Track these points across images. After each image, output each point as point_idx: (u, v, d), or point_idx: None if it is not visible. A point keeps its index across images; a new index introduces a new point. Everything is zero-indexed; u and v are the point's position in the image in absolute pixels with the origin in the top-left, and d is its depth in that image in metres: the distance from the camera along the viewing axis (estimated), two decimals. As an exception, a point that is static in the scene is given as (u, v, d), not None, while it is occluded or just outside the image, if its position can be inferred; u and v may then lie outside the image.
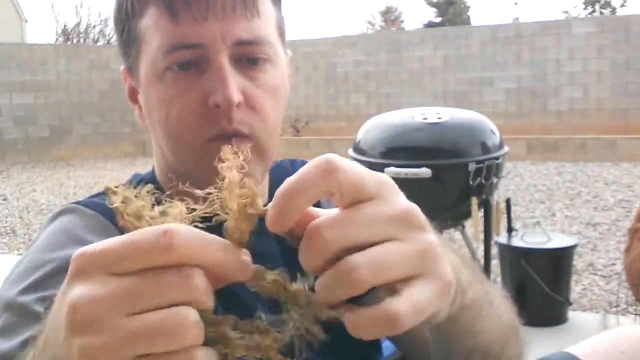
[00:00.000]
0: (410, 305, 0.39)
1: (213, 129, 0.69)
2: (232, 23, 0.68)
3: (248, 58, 0.70)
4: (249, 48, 0.69)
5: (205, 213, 0.40)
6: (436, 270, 0.41)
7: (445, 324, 0.53)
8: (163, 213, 0.39)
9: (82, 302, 0.36)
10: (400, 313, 0.38)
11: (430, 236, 0.42)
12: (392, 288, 0.40)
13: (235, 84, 0.68)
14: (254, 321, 0.41)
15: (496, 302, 0.64)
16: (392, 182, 0.43)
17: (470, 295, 0.55)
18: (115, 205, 0.39)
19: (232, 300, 0.57)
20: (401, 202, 0.42)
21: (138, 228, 0.38)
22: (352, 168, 0.40)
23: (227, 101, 0.67)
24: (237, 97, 0.67)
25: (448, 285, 0.42)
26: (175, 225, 0.37)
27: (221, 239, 0.39)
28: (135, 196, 0.39)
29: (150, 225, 0.38)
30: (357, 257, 0.38)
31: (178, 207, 0.40)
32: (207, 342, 0.38)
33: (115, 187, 0.40)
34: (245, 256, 0.39)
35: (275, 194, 0.40)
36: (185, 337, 0.36)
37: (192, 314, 0.36)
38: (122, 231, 0.39)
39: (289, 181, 0.39)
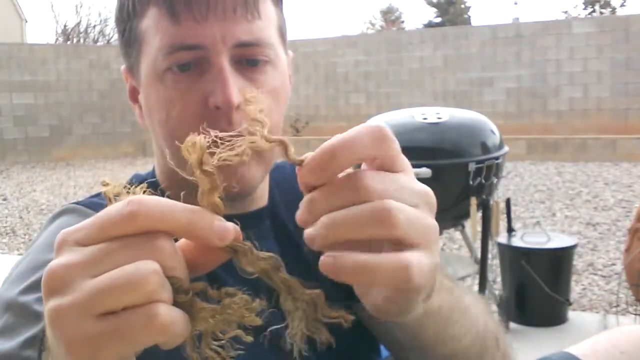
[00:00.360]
0: (419, 263, 0.42)
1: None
2: (233, 24, 0.68)
3: (248, 60, 0.70)
4: (249, 50, 0.69)
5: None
6: (434, 248, 0.44)
7: (416, 330, 0.56)
8: None
9: (54, 268, 0.38)
10: (412, 264, 0.41)
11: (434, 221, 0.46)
12: (399, 248, 0.42)
13: (235, 86, 0.67)
14: (223, 287, 0.41)
15: (471, 309, 0.66)
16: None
17: (437, 302, 0.57)
18: (104, 190, 0.41)
19: None
20: (420, 184, 0.46)
21: None
22: (396, 140, 0.44)
23: (227, 103, 0.66)
24: (237, 98, 0.67)
25: (437, 266, 0.45)
26: (140, 195, 0.39)
27: (190, 205, 0.40)
28: (128, 192, 0.41)
29: None
30: (395, 203, 0.41)
31: None
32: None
33: (108, 181, 0.42)
34: (219, 221, 0.40)
35: (322, 146, 0.42)
36: (144, 286, 0.37)
37: (150, 265, 0.37)
38: None
39: (339, 137, 0.42)
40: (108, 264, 0.37)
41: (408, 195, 0.43)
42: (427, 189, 0.45)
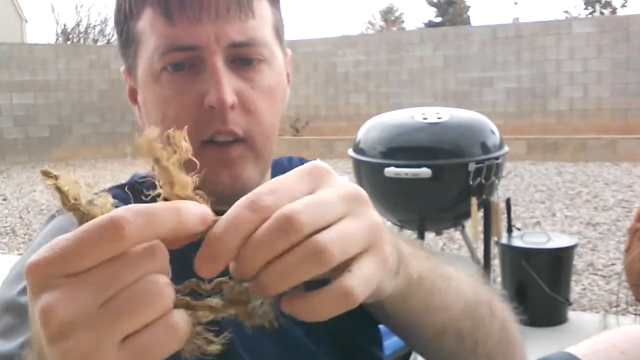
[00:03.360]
0: (361, 280, 0.42)
1: (208, 130, 0.69)
2: (226, 24, 0.68)
3: (242, 59, 0.70)
4: (243, 49, 0.69)
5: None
6: (379, 244, 0.44)
7: (400, 303, 0.56)
8: (90, 202, 0.39)
9: (53, 310, 0.36)
10: (354, 288, 0.41)
11: (375, 213, 0.45)
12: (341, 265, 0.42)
13: (229, 86, 0.67)
14: (218, 280, 0.41)
15: (455, 276, 0.66)
16: (325, 168, 0.45)
17: (416, 269, 0.57)
18: (64, 189, 0.39)
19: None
20: (340, 184, 0.44)
21: (85, 210, 0.39)
22: (271, 188, 0.41)
23: (221, 102, 0.67)
24: (230, 98, 0.67)
25: (387, 259, 0.45)
26: (119, 212, 0.37)
27: (167, 203, 0.39)
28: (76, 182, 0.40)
29: (90, 208, 0.39)
30: (325, 236, 0.40)
31: (104, 198, 0.40)
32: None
33: (55, 173, 0.40)
34: (197, 207, 0.40)
35: (205, 239, 0.40)
36: (162, 299, 0.37)
37: (161, 277, 0.37)
38: None
39: (218, 225, 0.40)
40: (112, 288, 0.36)
41: (336, 207, 0.42)
42: (350, 187, 0.44)
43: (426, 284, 0.59)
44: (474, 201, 2.98)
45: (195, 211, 0.39)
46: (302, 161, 0.90)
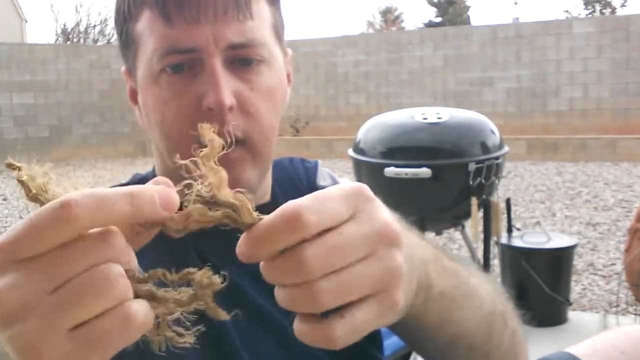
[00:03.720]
0: (350, 329, 0.42)
1: None
2: (224, 26, 0.68)
3: (241, 60, 0.70)
4: (242, 50, 0.69)
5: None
6: (389, 290, 0.43)
7: (415, 318, 0.55)
8: (58, 193, 0.39)
9: (2, 295, 0.36)
10: (337, 335, 0.42)
11: (398, 255, 0.43)
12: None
13: (227, 87, 0.67)
14: (185, 270, 0.41)
15: (477, 292, 0.65)
16: (366, 192, 0.44)
17: (439, 288, 0.56)
18: (23, 178, 0.39)
19: (238, 296, 0.58)
20: (377, 216, 0.43)
21: (45, 200, 0.38)
22: (317, 209, 0.40)
23: (219, 104, 0.66)
24: (228, 100, 0.67)
25: (395, 305, 0.44)
26: (70, 195, 0.36)
27: (123, 189, 0.38)
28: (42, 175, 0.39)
29: (53, 197, 0.38)
30: (325, 283, 0.40)
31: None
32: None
33: (18, 164, 0.40)
34: (152, 192, 0.38)
35: (243, 237, 0.40)
36: (114, 290, 0.36)
37: (114, 267, 0.36)
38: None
39: (257, 229, 0.40)
40: (63, 274, 0.36)
41: (354, 251, 0.41)
42: (381, 224, 0.43)
43: (446, 300, 0.58)
44: (474, 201, 2.98)
45: (150, 195, 0.38)
46: (303, 162, 0.90)
